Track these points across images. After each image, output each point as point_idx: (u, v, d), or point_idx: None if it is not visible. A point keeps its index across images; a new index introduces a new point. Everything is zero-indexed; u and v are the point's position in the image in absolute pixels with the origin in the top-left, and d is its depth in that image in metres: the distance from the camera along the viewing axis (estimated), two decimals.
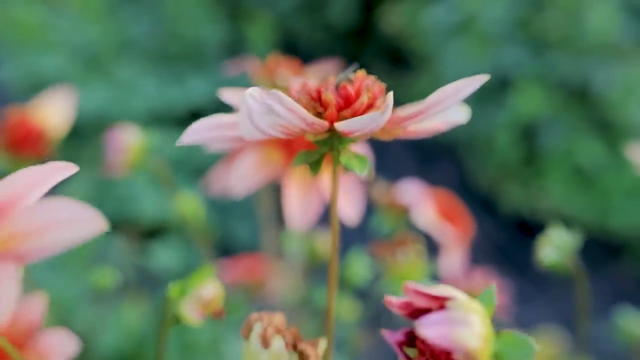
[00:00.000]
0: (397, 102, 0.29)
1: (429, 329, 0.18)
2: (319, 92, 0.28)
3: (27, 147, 0.46)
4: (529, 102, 1.31)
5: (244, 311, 0.61)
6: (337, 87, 0.28)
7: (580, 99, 1.34)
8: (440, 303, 0.20)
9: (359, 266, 0.52)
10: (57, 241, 0.18)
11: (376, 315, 0.67)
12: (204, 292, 0.35)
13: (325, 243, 0.66)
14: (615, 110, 1.31)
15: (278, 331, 0.27)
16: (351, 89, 0.28)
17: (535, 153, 1.42)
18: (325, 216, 0.43)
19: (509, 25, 1.28)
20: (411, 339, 0.20)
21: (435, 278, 0.65)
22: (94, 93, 1.49)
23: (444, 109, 0.28)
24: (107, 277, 0.57)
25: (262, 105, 0.24)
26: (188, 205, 0.57)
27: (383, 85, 0.29)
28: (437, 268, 0.61)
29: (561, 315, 1.32)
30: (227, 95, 0.31)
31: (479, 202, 1.51)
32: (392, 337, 0.21)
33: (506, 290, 0.74)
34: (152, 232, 1.30)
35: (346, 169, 0.29)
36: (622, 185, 1.36)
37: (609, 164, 1.36)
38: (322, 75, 0.48)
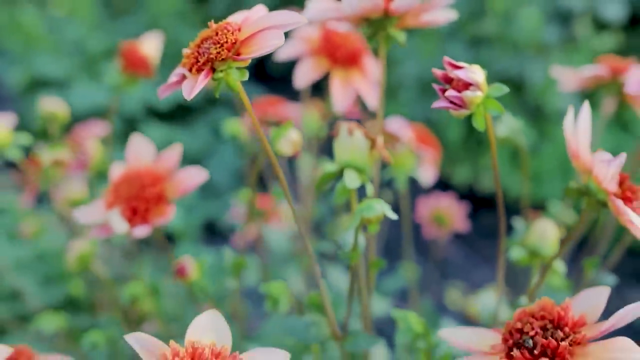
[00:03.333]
0: None
1: (460, 73, 0.39)
2: None
3: (136, 68, 0.65)
4: None
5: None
6: None
7: (515, 90, 1.60)
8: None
9: None
10: (283, 26, 0.37)
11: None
12: (291, 134, 0.54)
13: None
14: (542, 99, 1.57)
15: (357, 127, 0.47)
16: None
17: (480, 138, 1.66)
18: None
19: (454, 25, 1.52)
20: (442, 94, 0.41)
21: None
22: (92, 92, 1.64)
23: (442, 5, 0.49)
24: None
25: None
26: (234, 128, 0.76)
27: None
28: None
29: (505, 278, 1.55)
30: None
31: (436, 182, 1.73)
32: (440, 98, 0.41)
33: (462, 208, 0.96)
34: None
35: (390, 40, 0.49)
36: (550, 163, 1.61)
37: (540, 145, 1.61)
38: None
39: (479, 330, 0.42)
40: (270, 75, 2.22)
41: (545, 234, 0.58)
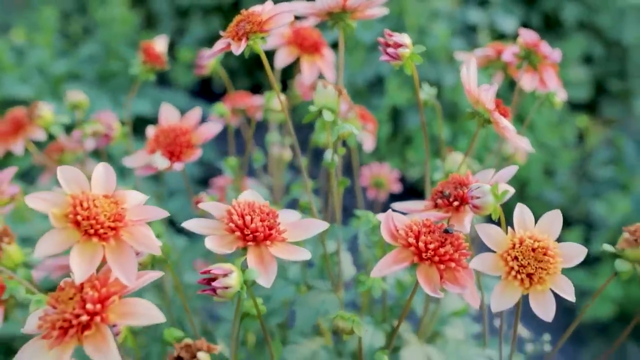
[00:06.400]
0: None
1: (396, 37, 0.63)
2: None
3: (153, 60, 0.86)
4: (397, 96, 1.83)
5: None
6: None
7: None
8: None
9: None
10: (289, 11, 0.61)
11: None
12: (275, 101, 0.78)
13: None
14: (456, 98, 1.86)
15: (328, 83, 0.71)
16: None
17: (406, 135, 1.94)
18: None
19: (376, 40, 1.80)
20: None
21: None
22: (57, 110, 1.81)
23: (378, 4, 0.74)
24: None
25: None
26: (221, 110, 0.98)
27: None
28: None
29: None
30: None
31: None
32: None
33: (394, 174, 1.21)
34: None
35: (347, 29, 0.73)
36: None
37: (457, 139, 1.90)
38: None
39: (418, 201, 0.66)
40: (214, 92, 2.47)
41: (457, 161, 0.83)
